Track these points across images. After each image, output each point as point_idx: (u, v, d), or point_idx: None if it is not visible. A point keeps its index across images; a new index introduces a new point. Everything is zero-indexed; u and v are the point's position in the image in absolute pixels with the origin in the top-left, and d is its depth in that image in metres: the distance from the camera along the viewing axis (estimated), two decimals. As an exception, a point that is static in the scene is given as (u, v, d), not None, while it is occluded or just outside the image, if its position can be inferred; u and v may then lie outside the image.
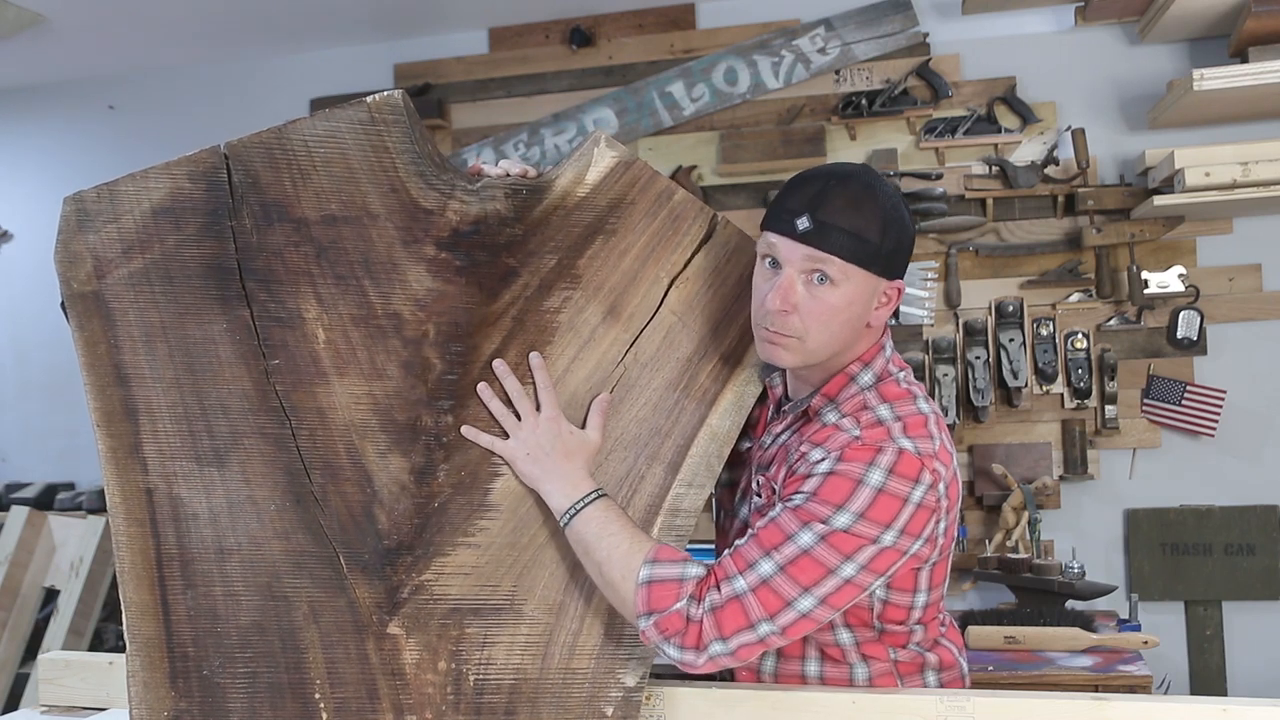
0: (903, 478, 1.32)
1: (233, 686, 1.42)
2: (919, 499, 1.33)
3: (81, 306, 1.40)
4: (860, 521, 1.31)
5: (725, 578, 1.33)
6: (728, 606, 1.31)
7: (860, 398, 1.43)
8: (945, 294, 3.35)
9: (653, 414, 1.49)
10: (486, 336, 1.45)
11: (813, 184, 1.38)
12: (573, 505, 1.40)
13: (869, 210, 1.36)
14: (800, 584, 1.31)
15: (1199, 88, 2.81)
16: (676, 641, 1.32)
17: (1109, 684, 2.41)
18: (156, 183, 1.40)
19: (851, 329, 1.41)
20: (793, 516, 1.33)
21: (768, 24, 3.53)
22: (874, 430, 1.37)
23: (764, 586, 1.31)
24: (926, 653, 1.52)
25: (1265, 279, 3.23)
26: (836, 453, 1.35)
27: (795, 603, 1.31)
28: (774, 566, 1.31)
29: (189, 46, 3.84)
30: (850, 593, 1.33)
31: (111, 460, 1.40)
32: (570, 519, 1.40)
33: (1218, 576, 3.20)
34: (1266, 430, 3.22)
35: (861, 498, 1.31)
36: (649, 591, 1.34)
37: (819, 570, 1.31)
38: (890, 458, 1.33)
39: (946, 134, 3.35)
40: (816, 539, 1.31)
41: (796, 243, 1.36)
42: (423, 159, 1.42)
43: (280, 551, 1.42)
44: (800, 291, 1.36)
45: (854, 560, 1.31)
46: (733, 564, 1.34)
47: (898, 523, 1.32)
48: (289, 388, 1.41)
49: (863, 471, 1.32)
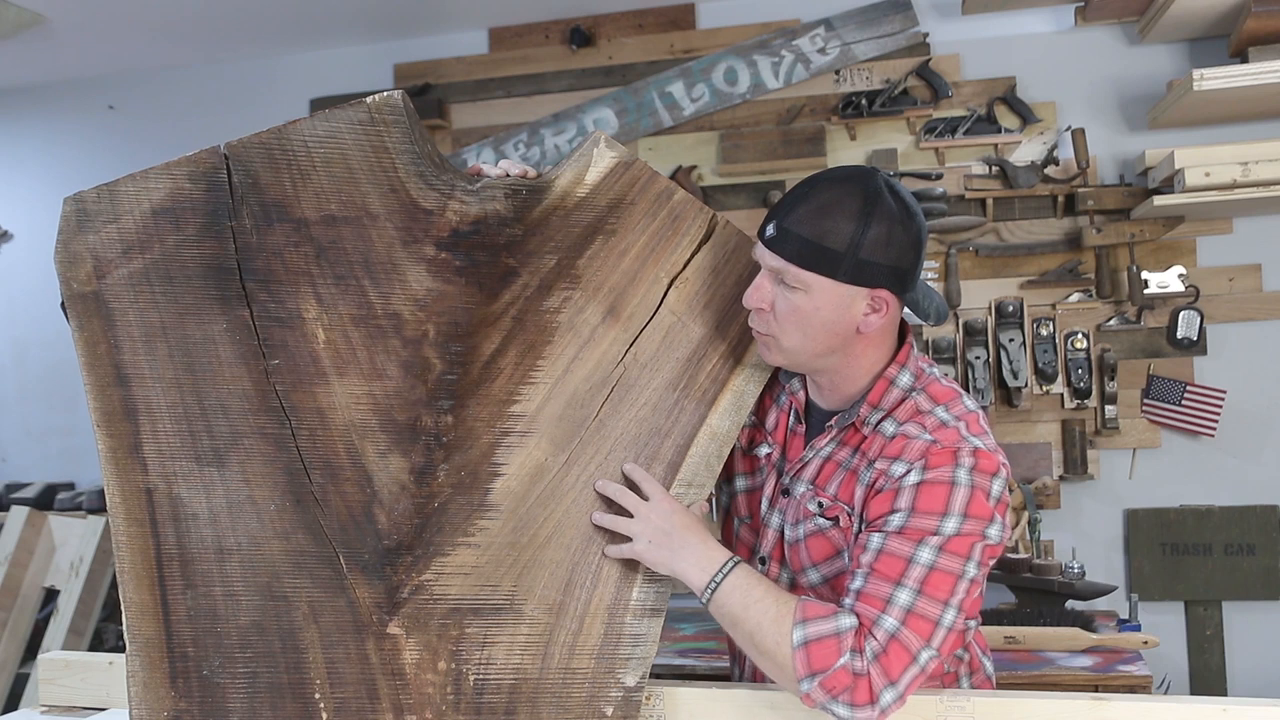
0: (984, 474, 1.35)
1: (233, 686, 1.42)
2: (999, 493, 1.36)
3: (81, 307, 1.40)
4: (966, 521, 1.33)
5: (873, 622, 1.31)
6: (890, 649, 1.29)
7: (911, 402, 1.43)
8: (945, 294, 3.35)
9: (652, 414, 1.49)
10: (486, 336, 1.45)
11: (800, 189, 1.41)
12: (711, 580, 1.37)
13: (839, 218, 1.35)
14: (940, 600, 1.31)
15: (1199, 88, 2.81)
16: (845, 699, 1.28)
17: (1109, 684, 2.41)
18: (156, 183, 1.40)
19: (833, 335, 1.40)
20: (902, 540, 1.33)
21: (768, 24, 3.53)
22: (944, 432, 1.38)
23: (911, 616, 1.30)
24: (964, 653, 1.53)
25: (1265, 279, 3.23)
26: (920, 461, 1.36)
27: (942, 619, 1.31)
28: (911, 594, 1.31)
29: (189, 46, 3.83)
30: (975, 591, 1.36)
31: (111, 460, 1.40)
32: (712, 594, 1.37)
33: (1218, 576, 3.20)
34: (1266, 430, 3.22)
35: (959, 499, 1.33)
36: (808, 653, 1.30)
37: (950, 580, 1.32)
38: (970, 457, 1.35)
39: (946, 134, 3.35)
40: (936, 552, 1.32)
41: (763, 247, 1.40)
42: (422, 159, 1.42)
43: (280, 551, 1.42)
44: (771, 292, 1.40)
45: (972, 559, 1.33)
46: (870, 607, 1.32)
47: (994, 516, 1.35)
48: (289, 388, 1.41)
49: (951, 474, 1.34)
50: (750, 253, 1.50)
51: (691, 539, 1.40)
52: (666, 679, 1.55)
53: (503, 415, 1.46)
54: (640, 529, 1.42)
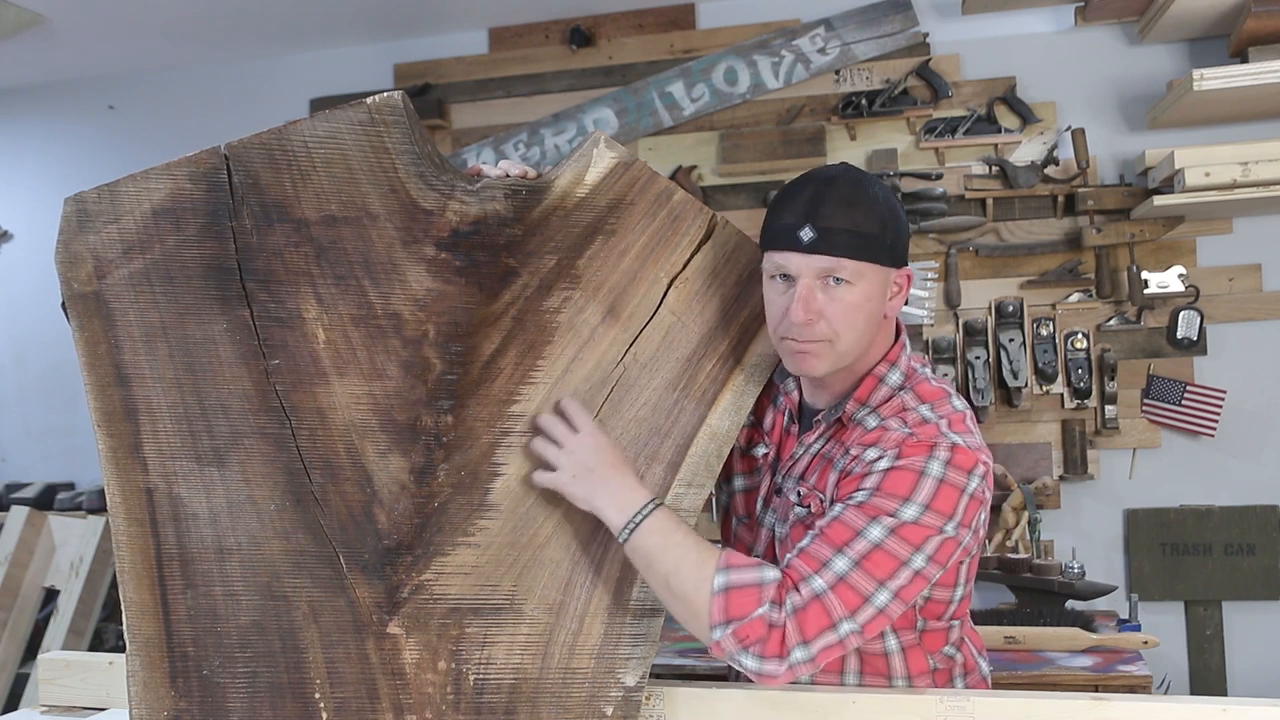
0: (959, 469, 1.35)
1: (233, 686, 1.42)
2: (973, 490, 1.36)
3: (82, 307, 1.40)
4: (926, 513, 1.32)
5: (802, 578, 1.31)
6: (810, 607, 1.29)
7: (897, 400, 1.44)
8: (945, 294, 3.35)
9: (652, 414, 1.49)
10: (486, 336, 1.45)
11: (803, 194, 1.39)
12: (630, 520, 1.36)
13: (864, 206, 1.38)
14: (876, 578, 1.30)
15: (1199, 88, 2.81)
16: (756, 651, 1.28)
17: (1109, 684, 2.41)
18: (157, 183, 1.39)
19: (874, 324, 1.42)
20: (859, 513, 1.33)
21: (768, 24, 3.53)
22: (924, 427, 1.38)
23: (842, 583, 1.30)
24: (956, 653, 1.53)
25: (1265, 279, 3.23)
26: (894, 450, 1.36)
27: (873, 598, 1.30)
28: (849, 563, 1.30)
29: (189, 46, 3.84)
30: (919, 585, 1.34)
31: (111, 460, 1.40)
32: (630, 534, 1.35)
33: (1218, 576, 3.20)
34: (1266, 430, 3.22)
35: (925, 490, 1.33)
36: (726, 599, 1.29)
37: (892, 563, 1.31)
38: (946, 451, 1.35)
39: (946, 134, 3.35)
40: (887, 532, 1.31)
41: (805, 254, 1.37)
42: (422, 160, 1.42)
43: (280, 551, 1.42)
44: (820, 297, 1.37)
45: (923, 551, 1.32)
46: (804, 564, 1.32)
47: (957, 514, 1.34)
48: (289, 388, 1.41)
49: (923, 464, 1.34)
50: (750, 252, 1.50)
51: (613, 475, 1.38)
52: (666, 679, 1.55)
53: (503, 415, 1.46)
54: (565, 461, 1.40)
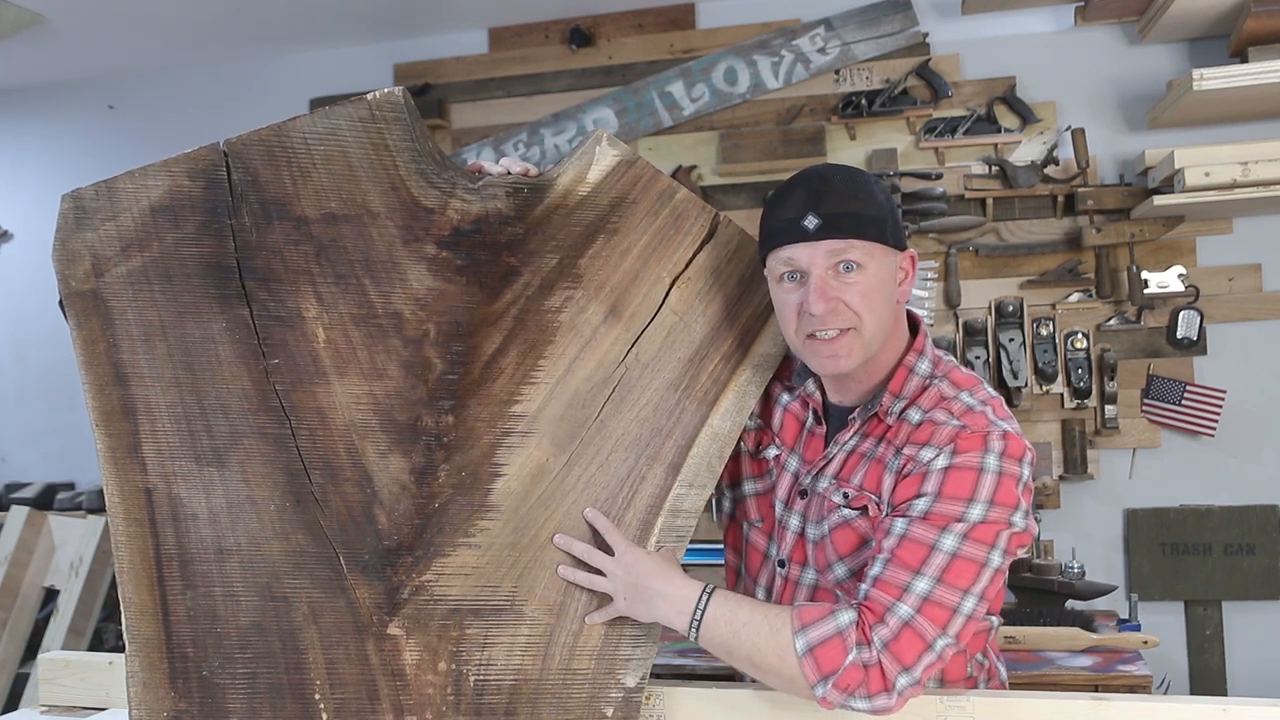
0: (1012, 459, 1.34)
1: (232, 687, 1.41)
2: (1025, 479, 1.35)
3: (80, 305, 1.40)
4: (993, 509, 1.31)
5: (886, 609, 1.30)
6: (902, 636, 1.28)
7: (934, 390, 1.43)
8: (945, 294, 3.35)
9: (654, 414, 1.48)
10: (487, 336, 1.45)
11: (799, 189, 1.40)
12: (692, 618, 1.36)
13: (862, 191, 1.39)
14: (960, 588, 1.30)
15: (1199, 88, 2.81)
16: (861, 693, 1.28)
17: (1109, 684, 2.40)
18: (155, 180, 1.39)
19: (891, 307, 1.42)
20: (925, 525, 1.32)
21: (768, 24, 3.53)
22: (972, 417, 1.37)
23: (927, 604, 1.29)
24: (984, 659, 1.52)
25: (1265, 279, 3.23)
26: (949, 446, 1.35)
27: (960, 607, 1.30)
28: (930, 581, 1.30)
29: (189, 46, 3.83)
30: (999, 580, 1.35)
31: (110, 460, 1.40)
32: (697, 630, 1.36)
33: (1218, 576, 3.20)
34: (1266, 430, 3.22)
35: (987, 485, 1.32)
36: (814, 658, 1.28)
37: (973, 568, 1.31)
38: (999, 442, 1.34)
39: (946, 134, 3.35)
40: (960, 539, 1.30)
41: (813, 243, 1.36)
42: (423, 157, 1.41)
43: (280, 552, 1.42)
44: (835, 284, 1.37)
45: (997, 547, 1.32)
46: (884, 594, 1.31)
47: (1020, 504, 1.34)
48: (289, 387, 1.41)
49: (980, 459, 1.33)
50: (752, 251, 1.49)
51: (659, 585, 1.38)
52: (666, 679, 1.55)
53: (504, 415, 1.45)
54: (613, 587, 1.41)
